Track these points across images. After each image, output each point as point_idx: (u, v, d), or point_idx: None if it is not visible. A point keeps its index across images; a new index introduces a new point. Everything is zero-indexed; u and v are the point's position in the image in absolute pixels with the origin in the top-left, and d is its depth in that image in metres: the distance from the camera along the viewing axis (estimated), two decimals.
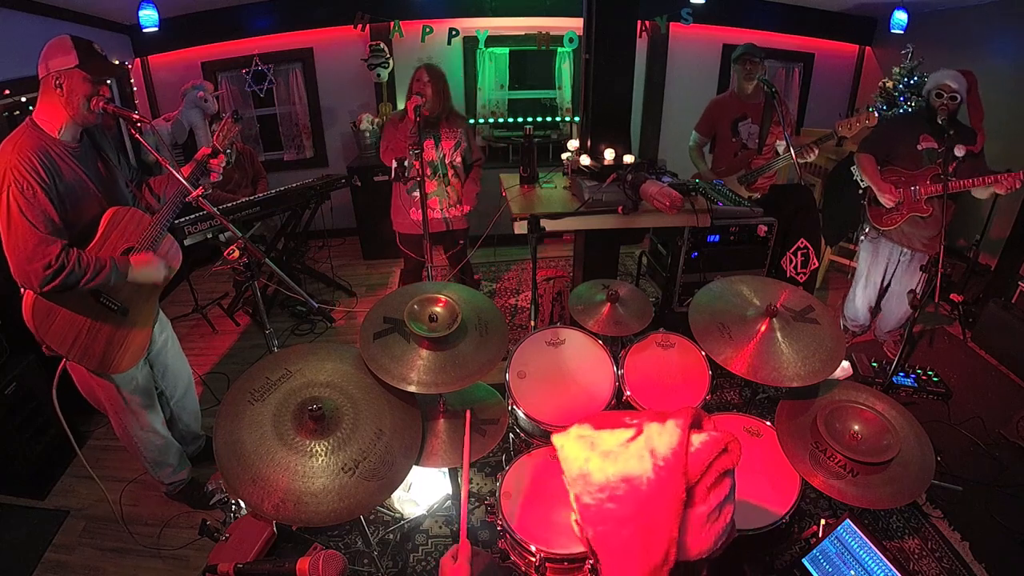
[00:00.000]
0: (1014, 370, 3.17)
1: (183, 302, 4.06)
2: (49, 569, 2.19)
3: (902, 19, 4.44)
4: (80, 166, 1.77)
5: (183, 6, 4.32)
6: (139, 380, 2.08)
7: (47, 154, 1.67)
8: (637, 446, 0.78)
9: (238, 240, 1.84)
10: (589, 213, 2.40)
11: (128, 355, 1.90)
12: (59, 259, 1.62)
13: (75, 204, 1.75)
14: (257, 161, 4.20)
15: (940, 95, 2.62)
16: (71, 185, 1.73)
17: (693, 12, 4.59)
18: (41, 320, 1.72)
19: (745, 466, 1.76)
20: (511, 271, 4.60)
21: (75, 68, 1.65)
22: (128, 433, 2.17)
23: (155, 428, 2.21)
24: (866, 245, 3.08)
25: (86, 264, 1.68)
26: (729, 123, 3.30)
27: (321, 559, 1.29)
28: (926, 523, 2.27)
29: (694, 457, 0.75)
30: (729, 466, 0.76)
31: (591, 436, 0.85)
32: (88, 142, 1.85)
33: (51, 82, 1.65)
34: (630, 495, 0.74)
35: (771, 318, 1.79)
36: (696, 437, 0.77)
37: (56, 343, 1.75)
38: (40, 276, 1.61)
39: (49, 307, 1.73)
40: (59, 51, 1.65)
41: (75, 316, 1.77)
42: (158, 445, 2.25)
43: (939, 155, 2.64)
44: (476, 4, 4.57)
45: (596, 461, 0.79)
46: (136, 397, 2.09)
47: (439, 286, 1.84)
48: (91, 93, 1.69)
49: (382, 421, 1.53)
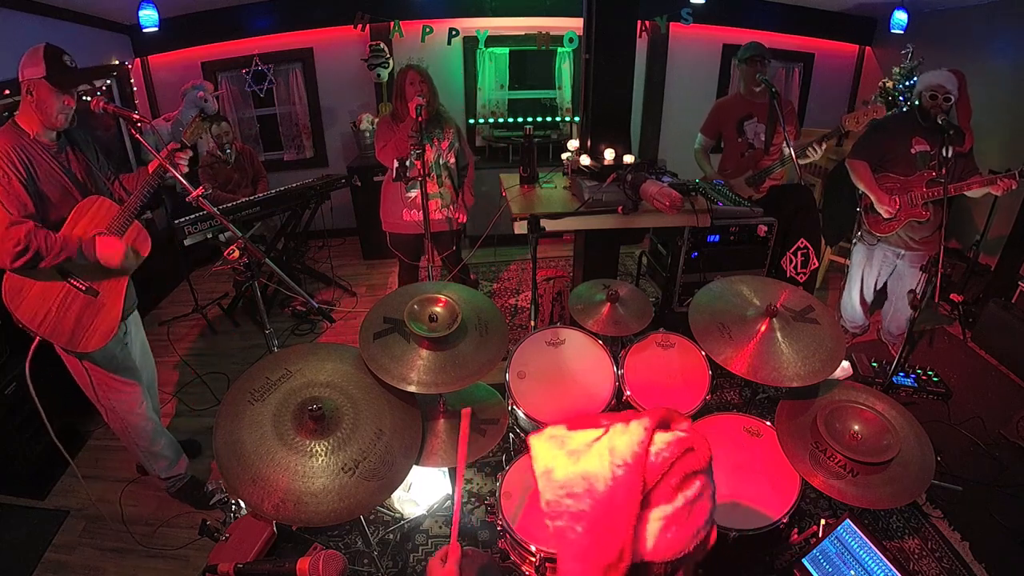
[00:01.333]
0: (1014, 370, 3.17)
1: (183, 302, 4.06)
2: (49, 569, 2.19)
3: (902, 19, 4.43)
4: (56, 164, 1.87)
5: (183, 6, 4.32)
6: (119, 358, 2.13)
7: (24, 151, 1.79)
8: (600, 445, 0.78)
9: (238, 240, 1.85)
10: (589, 213, 2.40)
11: (97, 335, 1.95)
12: (27, 237, 1.72)
13: (51, 200, 1.85)
14: (257, 161, 4.20)
15: (935, 96, 2.60)
16: (47, 181, 1.83)
17: (693, 12, 4.59)
18: (13, 295, 1.82)
19: (745, 466, 1.78)
20: (511, 271, 4.60)
21: (42, 79, 1.75)
22: (120, 418, 2.19)
23: (144, 412, 2.24)
24: (860, 248, 3.05)
25: (52, 242, 1.78)
26: (735, 123, 3.24)
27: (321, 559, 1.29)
28: (926, 523, 2.27)
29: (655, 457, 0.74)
30: (697, 467, 0.74)
31: (563, 436, 0.86)
32: (65, 141, 1.94)
33: (24, 88, 1.77)
34: (587, 493, 0.75)
35: (771, 318, 1.79)
36: (660, 437, 0.76)
37: (27, 318, 1.83)
38: (10, 254, 1.71)
39: (21, 283, 1.82)
40: (32, 60, 1.75)
41: (45, 293, 1.86)
42: (149, 431, 2.27)
43: (932, 158, 2.63)
44: (476, 4, 4.57)
45: (561, 459, 0.80)
46: (120, 376, 2.14)
47: (439, 286, 1.84)
48: (56, 103, 1.80)
49: (382, 421, 1.53)
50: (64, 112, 1.83)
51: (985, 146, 3.45)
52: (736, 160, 3.30)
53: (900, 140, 2.73)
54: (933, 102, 2.61)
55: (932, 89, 2.61)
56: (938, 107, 2.59)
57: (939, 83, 2.60)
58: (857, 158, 2.84)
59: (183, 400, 3.13)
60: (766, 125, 3.17)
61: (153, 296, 4.23)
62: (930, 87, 2.62)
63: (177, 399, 3.13)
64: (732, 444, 1.86)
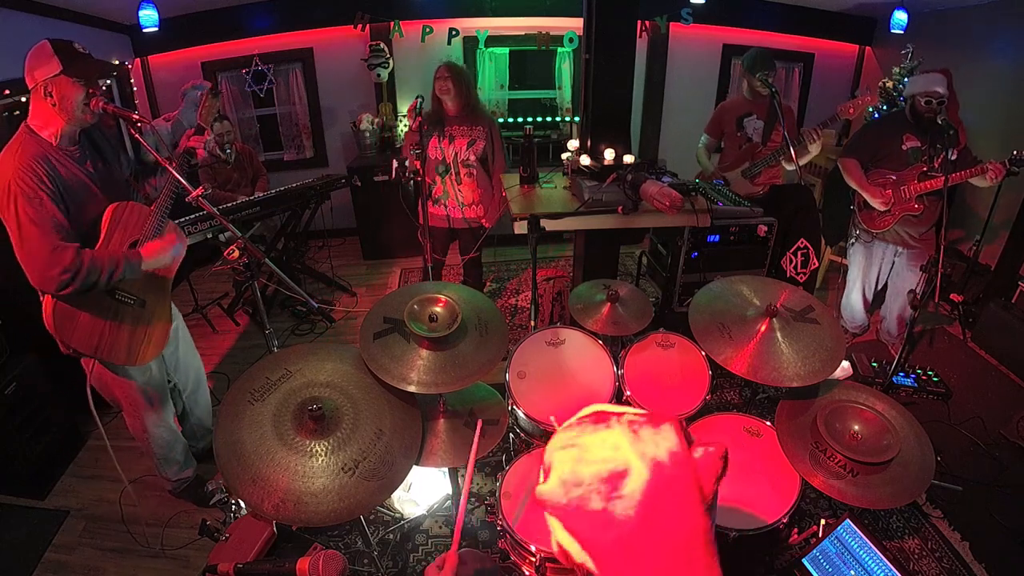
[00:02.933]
0: (1014, 370, 3.17)
1: (183, 302, 4.05)
2: (49, 569, 2.19)
3: (902, 19, 4.43)
4: (80, 169, 1.79)
5: (183, 6, 4.32)
6: (154, 372, 2.10)
7: (47, 160, 1.68)
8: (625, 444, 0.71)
9: (238, 240, 1.85)
10: (589, 213, 2.40)
11: (152, 345, 1.93)
12: (74, 262, 1.64)
13: (78, 206, 1.77)
14: (257, 160, 4.19)
15: (930, 102, 2.63)
16: (73, 188, 1.75)
17: (693, 12, 4.59)
18: (63, 324, 1.74)
19: (745, 466, 1.78)
20: (511, 271, 4.60)
21: (60, 74, 1.63)
22: (143, 429, 2.18)
23: (167, 423, 2.24)
24: (858, 248, 3.08)
25: (100, 263, 1.70)
26: (735, 120, 3.33)
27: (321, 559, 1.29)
28: (926, 523, 2.27)
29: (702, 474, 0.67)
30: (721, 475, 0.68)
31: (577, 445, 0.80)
32: (86, 143, 1.86)
33: (40, 92, 1.65)
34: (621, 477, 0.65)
35: (771, 318, 1.79)
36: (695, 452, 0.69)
37: (83, 345, 1.77)
38: (58, 281, 1.63)
39: (70, 311, 1.74)
40: (40, 59, 1.63)
41: (96, 315, 1.79)
42: (167, 440, 2.27)
43: (924, 153, 2.68)
44: (476, 4, 4.57)
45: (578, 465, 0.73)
46: (152, 390, 2.12)
47: (439, 286, 1.84)
48: (83, 96, 1.69)
49: (382, 421, 1.53)
50: (98, 104, 1.72)
51: (985, 145, 3.45)
52: (735, 153, 3.37)
53: (891, 137, 2.78)
54: (928, 107, 2.64)
55: (928, 95, 2.64)
56: (932, 111, 2.63)
57: (934, 88, 2.64)
58: (848, 156, 2.89)
59: None
60: (764, 122, 3.24)
61: None
62: (926, 92, 2.65)
63: None
64: (732, 444, 1.86)
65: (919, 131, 2.70)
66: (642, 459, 0.69)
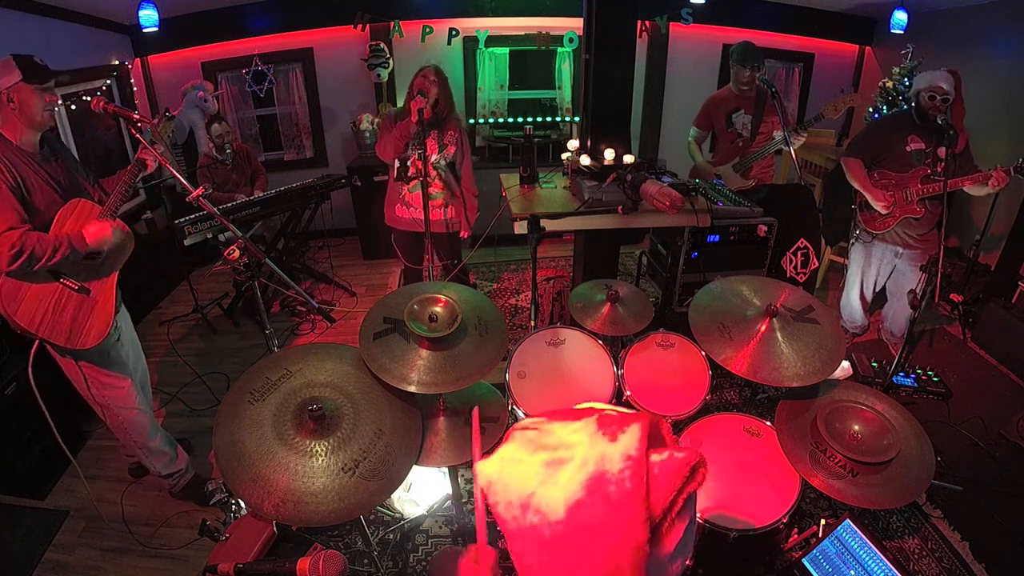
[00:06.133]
0: (1014, 370, 3.17)
1: (183, 302, 4.06)
2: (49, 569, 2.19)
3: (902, 19, 4.43)
4: (42, 170, 1.92)
5: (183, 6, 4.32)
6: (111, 354, 2.18)
7: (10, 159, 1.84)
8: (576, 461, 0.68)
9: (238, 240, 1.86)
10: (589, 213, 2.40)
11: (93, 331, 2.01)
12: (21, 238, 1.77)
13: (38, 207, 1.89)
14: (255, 160, 4.20)
15: (933, 97, 2.62)
16: (34, 189, 1.88)
17: (693, 12, 4.59)
18: (9, 300, 1.86)
19: (745, 466, 1.78)
20: (511, 271, 4.60)
21: (20, 82, 1.81)
22: (115, 415, 2.21)
23: (138, 406, 2.26)
24: (858, 248, 3.07)
25: (46, 242, 1.82)
26: (724, 116, 3.39)
27: (321, 559, 1.29)
28: (926, 523, 2.26)
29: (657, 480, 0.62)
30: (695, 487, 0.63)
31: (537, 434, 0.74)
32: (48, 150, 2.01)
33: (3, 98, 1.83)
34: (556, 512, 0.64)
35: (771, 318, 1.79)
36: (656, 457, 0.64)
37: (25, 321, 1.88)
38: (7, 257, 1.75)
39: (16, 287, 1.86)
40: (4, 71, 1.83)
41: (40, 296, 1.91)
42: (145, 425, 2.29)
43: (927, 155, 2.66)
44: (476, 4, 4.57)
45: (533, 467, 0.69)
46: (113, 372, 2.18)
47: (439, 286, 1.84)
48: (39, 102, 1.87)
49: (382, 421, 1.53)
50: (48, 109, 1.89)
51: (985, 146, 3.45)
52: (727, 148, 3.44)
53: (896, 138, 2.76)
54: (932, 102, 2.62)
55: (932, 90, 2.62)
56: (936, 107, 2.61)
57: (938, 84, 2.61)
58: (851, 155, 2.89)
59: (183, 400, 3.12)
60: (752, 116, 3.31)
61: (153, 296, 4.23)
62: (930, 87, 2.63)
63: (177, 399, 3.13)
64: (732, 444, 1.86)
65: (924, 133, 2.68)
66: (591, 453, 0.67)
